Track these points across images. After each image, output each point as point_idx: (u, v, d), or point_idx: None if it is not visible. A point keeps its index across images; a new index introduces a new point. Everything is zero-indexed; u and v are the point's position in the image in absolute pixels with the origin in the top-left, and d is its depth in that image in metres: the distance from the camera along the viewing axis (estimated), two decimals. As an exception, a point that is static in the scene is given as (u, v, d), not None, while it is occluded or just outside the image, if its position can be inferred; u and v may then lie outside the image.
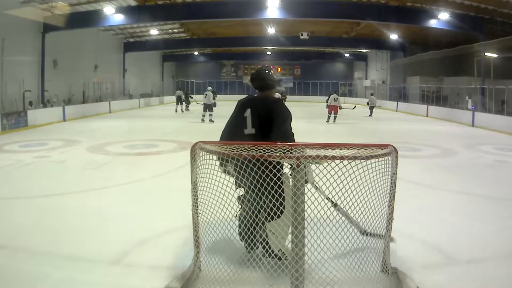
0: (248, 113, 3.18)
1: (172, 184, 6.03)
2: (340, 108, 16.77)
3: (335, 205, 2.87)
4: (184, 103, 21.83)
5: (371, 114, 20.89)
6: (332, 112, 16.42)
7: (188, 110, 22.26)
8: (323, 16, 18.10)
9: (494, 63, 18.50)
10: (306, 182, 2.59)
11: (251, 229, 2.91)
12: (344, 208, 2.66)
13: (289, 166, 2.68)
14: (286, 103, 3.71)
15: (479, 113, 16.05)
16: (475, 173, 7.15)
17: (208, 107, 16.17)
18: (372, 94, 23.32)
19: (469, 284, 3.01)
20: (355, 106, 21.61)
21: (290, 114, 3.20)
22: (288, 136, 3.09)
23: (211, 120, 16.01)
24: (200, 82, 36.91)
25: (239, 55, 36.49)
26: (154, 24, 23.13)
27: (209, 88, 18.09)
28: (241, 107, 3.28)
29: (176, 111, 21.65)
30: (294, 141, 3.11)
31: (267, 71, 3.47)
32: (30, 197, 5.32)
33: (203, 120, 16.14)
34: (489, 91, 16.69)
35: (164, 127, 14.91)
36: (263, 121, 3.12)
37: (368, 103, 21.86)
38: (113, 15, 17.38)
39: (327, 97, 17.61)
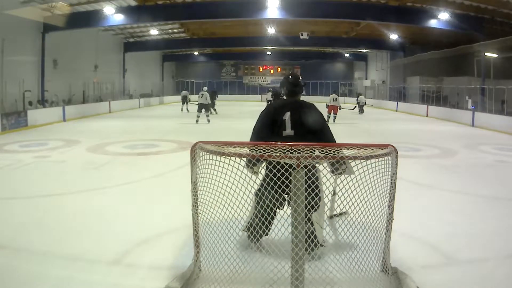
0: (287, 116, 3.38)
1: (172, 184, 6.03)
2: (340, 109, 16.77)
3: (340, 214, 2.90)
4: (189, 103, 21.92)
5: (361, 112, 22.17)
6: (332, 112, 16.43)
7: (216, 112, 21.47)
8: (323, 16, 18.08)
9: (494, 63, 18.48)
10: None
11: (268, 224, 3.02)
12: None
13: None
14: None
15: (479, 113, 16.04)
16: (475, 173, 7.15)
17: (204, 107, 15.90)
18: (361, 94, 24.79)
19: (469, 284, 3.00)
20: (355, 107, 21.73)
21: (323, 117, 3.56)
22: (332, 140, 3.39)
23: (208, 121, 15.85)
24: (200, 82, 36.84)
25: (239, 55, 36.47)
26: (154, 24, 23.11)
27: (205, 88, 17.96)
28: (279, 110, 3.45)
29: (182, 110, 22.08)
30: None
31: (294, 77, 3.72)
32: (30, 197, 5.32)
33: (197, 121, 15.60)
34: (489, 91, 16.68)
35: (164, 127, 14.91)
36: (302, 123, 3.38)
37: (358, 101, 23.02)
38: (113, 15, 17.37)
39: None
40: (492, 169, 7.53)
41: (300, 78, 3.82)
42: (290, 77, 3.68)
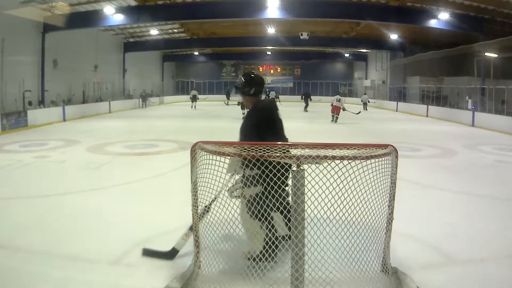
0: (279, 115, 3.40)
1: (172, 184, 6.03)
2: (344, 110, 16.73)
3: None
4: (197, 101, 24.58)
5: (365, 109, 24.41)
6: (334, 112, 16.46)
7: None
8: (323, 16, 18.08)
9: (494, 63, 18.47)
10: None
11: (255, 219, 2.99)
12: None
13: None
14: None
15: (479, 113, 16.04)
16: (475, 173, 7.15)
17: (242, 105, 15.81)
18: (365, 94, 27.51)
19: (469, 284, 3.00)
20: (359, 112, 21.71)
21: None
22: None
23: None
24: (200, 82, 36.89)
25: (239, 55, 36.45)
26: (154, 24, 23.11)
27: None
28: (273, 110, 3.39)
29: (191, 107, 24.78)
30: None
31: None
32: (30, 197, 5.32)
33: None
34: (489, 91, 16.68)
35: (164, 127, 14.91)
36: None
37: (362, 100, 25.77)
38: (113, 15, 17.35)
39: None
40: (492, 169, 7.53)
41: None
42: (252, 76, 3.49)
